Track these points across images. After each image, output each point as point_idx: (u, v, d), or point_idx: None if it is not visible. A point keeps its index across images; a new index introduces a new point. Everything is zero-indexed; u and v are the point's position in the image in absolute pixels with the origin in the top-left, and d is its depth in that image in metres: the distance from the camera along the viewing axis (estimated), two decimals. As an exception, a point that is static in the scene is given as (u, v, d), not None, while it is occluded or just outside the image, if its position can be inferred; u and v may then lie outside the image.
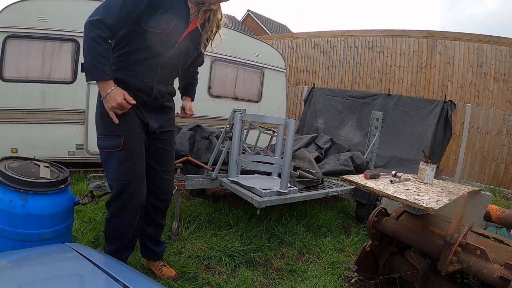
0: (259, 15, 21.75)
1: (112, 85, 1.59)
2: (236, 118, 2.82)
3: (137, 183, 1.77)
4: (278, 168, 2.73)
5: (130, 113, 1.71)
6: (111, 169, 1.73)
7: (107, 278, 0.87)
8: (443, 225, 1.92)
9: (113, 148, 1.71)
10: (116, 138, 1.71)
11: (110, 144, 1.71)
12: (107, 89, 1.58)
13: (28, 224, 1.63)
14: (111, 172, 1.74)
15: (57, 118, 3.88)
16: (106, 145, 1.72)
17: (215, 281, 2.12)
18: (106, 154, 1.74)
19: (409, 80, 7.04)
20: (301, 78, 8.66)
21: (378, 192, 1.81)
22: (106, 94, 1.58)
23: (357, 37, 7.74)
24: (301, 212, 3.31)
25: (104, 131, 1.72)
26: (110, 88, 1.59)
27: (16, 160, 1.88)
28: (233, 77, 5.42)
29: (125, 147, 1.72)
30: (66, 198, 1.85)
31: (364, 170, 3.36)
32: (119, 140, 1.71)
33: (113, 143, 1.70)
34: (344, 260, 2.57)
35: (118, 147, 1.71)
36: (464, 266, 1.62)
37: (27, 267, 0.94)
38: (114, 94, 1.60)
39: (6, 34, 3.50)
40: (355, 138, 7.13)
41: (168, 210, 3.00)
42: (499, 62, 6.11)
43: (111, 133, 1.71)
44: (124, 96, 1.62)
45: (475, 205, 2.71)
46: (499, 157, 6.10)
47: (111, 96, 1.59)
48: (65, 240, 1.81)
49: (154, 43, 1.69)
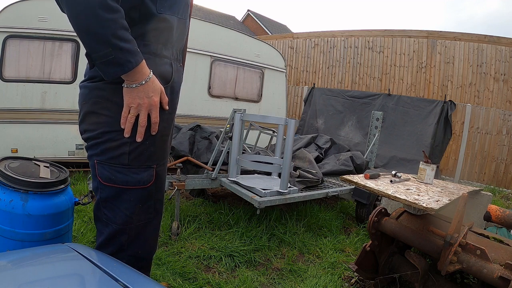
0: (259, 15, 21.76)
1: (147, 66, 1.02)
2: (236, 118, 2.82)
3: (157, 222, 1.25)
4: (278, 168, 2.73)
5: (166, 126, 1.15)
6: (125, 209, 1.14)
7: (107, 278, 0.87)
8: (443, 225, 1.92)
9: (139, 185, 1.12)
10: (147, 170, 1.12)
11: (135, 178, 1.10)
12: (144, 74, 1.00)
13: (28, 224, 1.63)
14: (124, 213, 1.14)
15: (57, 118, 3.88)
16: (129, 180, 1.10)
17: (215, 281, 2.12)
18: (119, 191, 1.12)
19: (409, 80, 7.04)
20: (301, 78, 8.66)
21: (378, 192, 1.81)
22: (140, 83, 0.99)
23: (357, 37, 7.74)
24: (301, 212, 3.31)
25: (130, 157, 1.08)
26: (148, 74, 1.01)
27: (16, 160, 1.88)
28: (233, 77, 5.42)
29: (156, 180, 1.16)
30: (66, 198, 1.85)
31: (364, 170, 3.36)
32: (150, 172, 1.13)
33: (142, 177, 1.11)
34: (344, 260, 2.57)
35: (147, 182, 1.13)
36: (464, 266, 1.62)
37: (27, 267, 0.94)
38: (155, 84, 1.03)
39: (6, 34, 3.50)
40: (355, 138, 7.13)
41: (168, 210, 3.02)
42: (499, 62, 6.11)
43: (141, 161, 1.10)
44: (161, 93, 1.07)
45: (475, 205, 2.72)
46: (499, 157, 6.10)
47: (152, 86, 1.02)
48: (65, 240, 1.81)
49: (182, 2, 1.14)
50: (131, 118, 1.03)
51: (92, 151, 1.11)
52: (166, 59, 1.13)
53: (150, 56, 1.07)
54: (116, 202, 1.13)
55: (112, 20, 0.90)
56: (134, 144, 1.07)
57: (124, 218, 1.14)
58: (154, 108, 1.04)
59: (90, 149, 1.13)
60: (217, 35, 5.10)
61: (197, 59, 4.87)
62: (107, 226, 1.17)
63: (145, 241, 1.23)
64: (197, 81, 4.96)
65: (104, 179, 1.10)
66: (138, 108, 1.02)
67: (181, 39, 1.20)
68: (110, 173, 1.09)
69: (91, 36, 0.91)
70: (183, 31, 1.19)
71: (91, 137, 1.10)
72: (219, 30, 5.27)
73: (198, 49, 4.82)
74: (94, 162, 1.11)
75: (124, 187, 1.11)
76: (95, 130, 1.08)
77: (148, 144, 1.09)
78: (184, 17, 1.15)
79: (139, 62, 0.97)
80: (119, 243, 1.17)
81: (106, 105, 1.06)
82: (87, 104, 1.09)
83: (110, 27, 0.90)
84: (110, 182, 1.10)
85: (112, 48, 0.91)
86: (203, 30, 4.92)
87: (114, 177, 1.09)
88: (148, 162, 1.12)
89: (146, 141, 1.08)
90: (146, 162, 1.11)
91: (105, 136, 1.07)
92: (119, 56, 0.93)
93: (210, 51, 4.99)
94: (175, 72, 1.16)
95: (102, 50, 0.91)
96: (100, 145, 1.08)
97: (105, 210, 1.16)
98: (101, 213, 1.17)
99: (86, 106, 1.09)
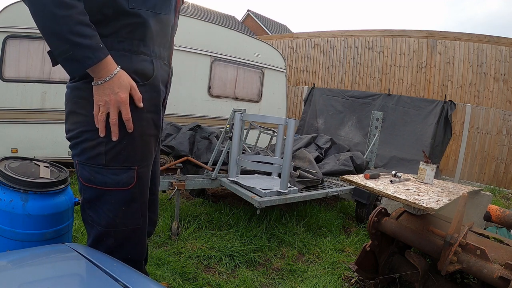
0: (259, 15, 21.76)
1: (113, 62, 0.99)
2: (236, 118, 2.82)
3: (145, 226, 1.21)
4: (278, 168, 2.73)
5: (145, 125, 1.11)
6: (107, 211, 1.10)
7: (107, 278, 0.87)
8: (443, 225, 1.92)
9: (118, 186, 1.08)
10: (127, 171, 1.08)
11: (113, 179, 1.07)
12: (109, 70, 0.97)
13: (28, 224, 1.63)
14: (106, 215, 1.10)
15: (57, 118, 3.88)
16: (108, 181, 1.06)
17: (215, 281, 2.12)
18: (99, 192, 1.08)
19: (409, 80, 7.04)
20: (301, 78, 8.66)
21: (378, 192, 1.81)
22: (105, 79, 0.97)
23: (357, 37, 7.75)
24: (301, 212, 3.31)
25: (108, 157, 1.05)
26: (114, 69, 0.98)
27: (16, 160, 1.89)
28: (233, 77, 5.42)
29: (138, 183, 1.12)
30: (66, 198, 1.85)
31: (364, 170, 3.36)
32: (130, 174, 1.09)
33: (121, 178, 1.08)
34: (344, 260, 2.57)
35: (127, 185, 1.09)
36: (464, 266, 1.62)
37: (27, 267, 0.94)
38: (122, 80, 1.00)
39: (6, 34, 3.50)
40: (355, 138, 7.13)
41: (168, 210, 3.02)
42: (499, 62, 6.11)
43: (120, 162, 1.07)
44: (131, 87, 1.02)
45: (475, 205, 2.72)
46: (499, 157, 6.10)
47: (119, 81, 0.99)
48: (65, 240, 1.81)
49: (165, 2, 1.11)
50: (100, 116, 1.00)
51: (74, 151, 1.11)
52: (144, 56, 1.09)
53: (125, 53, 1.05)
54: (98, 203, 1.10)
55: (67, 16, 0.88)
56: (110, 143, 1.04)
57: (108, 220, 1.11)
58: (122, 105, 1.00)
59: (72, 148, 1.12)
60: (217, 35, 5.10)
61: (197, 59, 4.87)
62: (92, 228, 1.15)
63: (134, 246, 1.20)
64: (197, 81, 4.96)
65: (84, 179, 1.08)
66: (106, 105, 0.99)
67: (163, 36, 1.15)
68: (89, 173, 1.07)
69: (49, 33, 0.90)
70: (164, 27, 1.14)
71: (72, 137, 1.10)
72: (219, 30, 5.27)
73: (198, 49, 4.82)
74: (76, 162, 1.10)
75: (103, 188, 1.08)
76: (75, 129, 1.08)
77: (126, 143, 1.06)
78: (164, 12, 1.10)
79: (102, 58, 0.95)
80: (106, 245, 1.14)
81: (83, 104, 1.04)
82: (69, 104, 1.08)
83: (67, 23, 0.88)
84: (89, 183, 1.07)
85: (70, 44, 0.90)
86: (203, 30, 4.92)
87: (93, 177, 1.07)
88: (127, 163, 1.08)
89: (123, 141, 1.05)
90: (125, 163, 1.07)
91: (83, 135, 1.06)
92: (76, 52, 0.91)
93: (210, 51, 4.99)
94: (157, 69, 1.12)
95: (61, 47, 0.90)
96: (79, 144, 1.08)
97: (89, 212, 1.13)
98: (86, 214, 1.15)
99: (68, 106, 1.09)
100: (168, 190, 2.66)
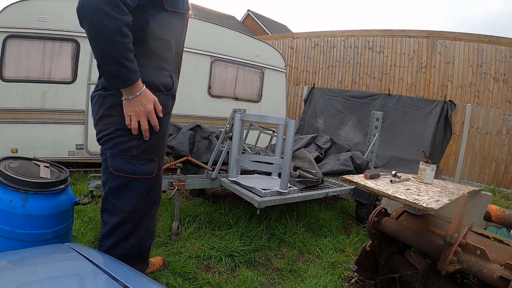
0: (259, 15, 21.76)
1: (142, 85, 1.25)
2: (236, 118, 2.82)
3: (155, 212, 1.49)
4: (278, 168, 2.73)
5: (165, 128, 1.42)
6: (132, 198, 1.37)
7: (107, 278, 0.87)
8: (443, 225, 1.92)
9: (145, 175, 1.35)
10: (151, 162, 1.36)
11: (141, 169, 1.34)
12: (137, 89, 1.22)
13: (28, 224, 1.63)
14: (131, 202, 1.37)
15: (57, 118, 3.88)
16: (136, 170, 1.33)
17: (215, 281, 2.12)
18: (128, 180, 1.34)
19: (409, 80, 7.04)
20: (301, 78, 8.66)
21: (378, 192, 1.81)
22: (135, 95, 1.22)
23: (357, 37, 7.75)
24: (301, 212, 3.31)
25: (136, 151, 1.32)
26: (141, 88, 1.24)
27: (16, 160, 1.88)
28: (233, 77, 5.42)
29: (158, 173, 1.41)
30: (66, 198, 1.85)
31: (364, 170, 3.36)
32: (153, 165, 1.37)
33: (147, 168, 1.35)
34: (344, 260, 2.57)
35: (151, 173, 1.37)
36: (464, 266, 1.62)
37: (27, 267, 0.94)
38: (148, 96, 1.25)
39: (6, 34, 3.50)
40: (355, 138, 7.13)
41: (168, 210, 3.02)
42: (499, 62, 6.11)
43: (145, 155, 1.33)
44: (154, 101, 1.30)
45: (475, 205, 2.72)
46: (499, 157, 6.10)
47: (145, 97, 1.24)
48: (65, 240, 1.81)
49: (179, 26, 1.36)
50: (134, 125, 1.27)
51: (105, 146, 1.34)
52: (166, 72, 1.37)
53: (154, 69, 1.32)
54: (124, 191, 1.34)
55: (124, 44, 1.12)
56: (141, 139, 1.31)
57: (131, 206, 1.36)
58: (150, 114, 1.27)
59: (103, 144, 1.35)
60: (217, 35, 5.10)
61: (197, 59, 4.87)
62: (114, 216, 1.37)
63: (146, 230, 1.44)
64: (197, 81, 4.96)
65: (115, 169, 1.32)
66: (136, 115, 1.25)
67: (177, 55, 1.44)
68: (120, 164, 1.32)
69: (105, 54, 1.12)
70: (179, 49, 1.45)
71: (105, 135, 1.33)
72: (219, 30, 5.27)
73: (198, 49, 4.82)
74: (107, 155, 1.33)
75: (132, 177, 1.33)
76: (109, 128, 1.32)
77: (152, 140, 1.33)
78: (180, 38, 1.42)
79: (137, 79, 1.21)
80: (124, 231, 1.37)
81: (118, 109, 1.28)
82: (102, 108, 1.32)
83: (122, 49, 1.12)
84: (120, 172, 1.32)
85: (120, 66, 1.14)
86: (203, 30, 4.91)
87: (124, 167, 1.32)
88: (152, 156, 1.36)
89: (151, 138, 1.32)
90: (150, 156, 1.35)
91: (117, 132, 1.30)
92: (124, 73, 1.16)
93: (210, 51, 4.99)
94: (175, 82, 1.43)
95: (112, 66, 1.14)
96: (112, 139, 1.31)
97: (113, 200, 1.36)
98: (108, 203, 1.38)
99: (102, 110, 1.32)
100: (168, 190, 2.66)
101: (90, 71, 3.96)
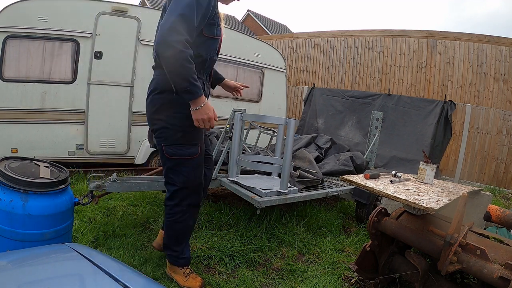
0: (259, 15, 21.77)
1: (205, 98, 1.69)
2: (236, 118, 2.82)
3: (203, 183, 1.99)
4: (278, 168, 2.73)
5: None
6: (184, 173, 1.86)
7: (107, 278, 0.87)
8: (443, 225, 1.92)
9: (191, 156, 1.85)
10: (194, 146, 1.86)
11: (187, 152, 1.84)
12: (201, 102, 1.66)
13: (28, 224, 1.63)
14: (184, 175, 1.86)
15: (57, 118, 3.88)
16: (184, 153, 1.84)
17: (215, 281, 2.12)
18: (179, 161, 1.85)
19: (409, 80, 7.04)
20: (301, 78, 8.66)
21: (378, 192, 1.81)
22: (200, 106, 1.67)
23: (357, 37, 7.74)
24: (301, 212, 3.31)
25: (182, 140, 1.82)
26: (204, 101, 1.67)
27: (16, 160, 1.89)
28: (233, 77, 5.41)
29: (201, 153, 1.91)
30: (66, 198, 1.85)
31: (364, 170, 3.36)
32: (196, 148, 1.87)
33: (192, 151, 1.86)
34: (344, 260, 2.57)
35: (195, 154, 1.87)
36: (464, 266, 1.62)
37: (27, 267, 0.94)
38: (209, 106, 1.70)
39: (6, 34, 3.50)
40: (355, 138, 7.13)
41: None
42: (499, 62, 6.11)
43: (189, 142, 1.84)
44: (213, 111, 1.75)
45: (475, 205, 2.72)
46: (499, 157, 6.10)
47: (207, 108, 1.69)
48: (65, 240, 1.81)
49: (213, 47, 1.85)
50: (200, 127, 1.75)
51: (159, 138, 1.85)
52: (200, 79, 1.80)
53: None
54: (178, 168, 1.86)
55: (190, 68, 1.57)
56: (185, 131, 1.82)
57: (183, 178, 1.87)
58: (212, 120, 1.72)
59: (157, 138, 1.86)
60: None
61: (197, 59, 4.86)
62: (172, 186, 1.89)
63: (198, 194, 1.95)
64: (197, 81, 4.95)
65: (170, 154, 1.84)
66: (202, 121, 1.70)
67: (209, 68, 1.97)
68: (173, 150, 1.83)
69: (179, 76, 1.57)
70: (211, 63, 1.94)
71: (157, 129, 1.85)
72: (219, 30, 5.25)
73: (198, 49, 4.81)
74: (162, 145, 1.84)
75: (182, 158, 1.84)
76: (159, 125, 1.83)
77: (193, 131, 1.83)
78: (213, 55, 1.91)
79: (201, 94, 1.65)
80: (181, 196, 1.89)
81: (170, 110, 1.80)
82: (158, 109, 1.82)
83: (189, 72, 1.57)
84: (173, 156, 1.84)
85: (189, 83, 1.58)
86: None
87: (176, 153, 1.83)
88: (194, 141, 1.86)
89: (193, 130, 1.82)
90: (193, 141, 1.86)
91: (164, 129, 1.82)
92: (193, 88, 1.60)
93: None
94: (206, 86, 1.95)
95: (183, 84, 1.58)
96: (163, 134, 1.83)
97: (171, 175, 1.88)
98: (168, 177, 1.90)
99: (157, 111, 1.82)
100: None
101: (90, 71, 3.96)
